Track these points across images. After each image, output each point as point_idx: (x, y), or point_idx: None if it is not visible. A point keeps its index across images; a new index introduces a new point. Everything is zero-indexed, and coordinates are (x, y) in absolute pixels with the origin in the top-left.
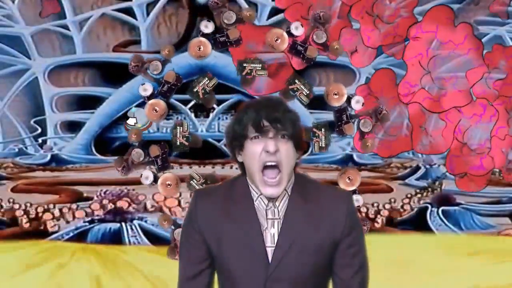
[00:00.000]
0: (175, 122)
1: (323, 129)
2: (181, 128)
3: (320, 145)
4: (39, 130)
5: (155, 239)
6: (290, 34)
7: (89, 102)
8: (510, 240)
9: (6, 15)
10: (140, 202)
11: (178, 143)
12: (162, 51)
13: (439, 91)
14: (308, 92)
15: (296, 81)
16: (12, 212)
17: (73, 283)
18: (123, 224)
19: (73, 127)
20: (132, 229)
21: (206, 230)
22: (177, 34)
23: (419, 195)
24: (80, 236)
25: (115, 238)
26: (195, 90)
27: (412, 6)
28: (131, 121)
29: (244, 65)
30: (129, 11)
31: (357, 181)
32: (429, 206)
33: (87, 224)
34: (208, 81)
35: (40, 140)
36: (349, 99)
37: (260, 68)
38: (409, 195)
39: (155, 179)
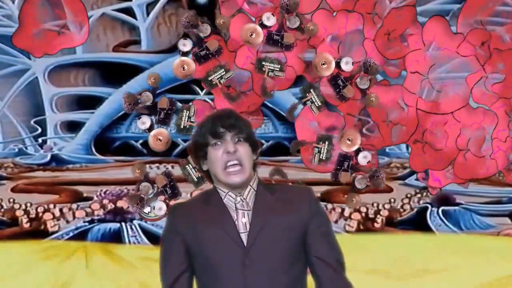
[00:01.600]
0: (183, 106)
1: (326, 142)
2: (188, 112)
3: (321, 157)
4: (39, 130)
5: (155, 239)
6: (263, 26)
7: (89, 102)
8: (510, 240)
9: (6, 15)
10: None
11: (182, 126)
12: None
13: (437, 97)
14: (320, 104)
15: (311, 91)
16: (12, 212)
17: (74, 282)
18: (123, 224)
19: (73, 127)
20: (132, 229)
21: (184, 231)
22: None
23: (419, 195)
24: (80, 236)
25: (115, 238)
26: (209, 79)
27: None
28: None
29: (263, 63)
30: (129, 11)
31: (358, 140)
32: (429, 206)
33: (87, 224)
34: (225, 72)
35: (40, 140)
36: (338, 64)
37: (278, 69)
38: (409, 195)
39: (150, 129)
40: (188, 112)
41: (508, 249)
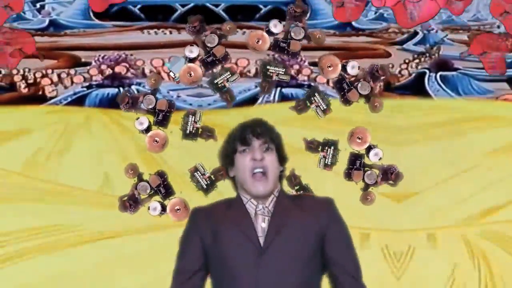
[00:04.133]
0: (188, 110)
1: (332, 147)
2: (193, 117)
3: (326, 162)
4: None
5: None
6: (270, 33)
7: None
8: (508, 105)
9: None
10: (138, 67)
11: (188, 132)
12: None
13: None
14: (325, 108)
15: (316, 94)
16: (10, 77)
17: (73, 147)
18: (121, 89)
19: None
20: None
21: (204, 232)
22: None
23: (417, 61)
24: (78, 101)
25: (113, 103)
26: (215, 81)
27: None
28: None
29: (268, 67)
30: None
31: (368, 138)
32: (427, 71)
33: (85, 89)
34: (230, 75)
35: (38, 5)
36: (344, 67)
37: (283, 73)
38: (407, 60)
39: (163, 208)
40: (193, 117)
41: (505, 114)
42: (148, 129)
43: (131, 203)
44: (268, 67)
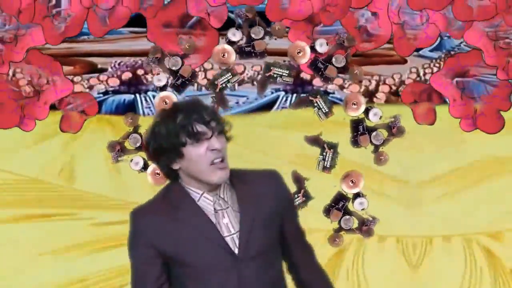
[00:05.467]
0: (230, 69)
1: (332, 150)
2: (231, 77)
3: (325, 165)
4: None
5: None
6: (313, 49)
7: None
8: None
9: None
10: (154, 73)
11: (216, 83)
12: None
13: None
14: (327, 111)
15: (271, 68)
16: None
17: (87, 154)
18: (137, 95)
19: None
20: (146, 100)
21: (161, 243)
22: None
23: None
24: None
25: (130, 109)
26: (215, 82)
27: None
28: None
29: (271, 68)
30: None
31: (361, 183)
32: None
33: (101, 95)
34: (231, 76)
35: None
36: (313, 48)
37: (287, 75)
38: (425, 66)
39: (145, 167)
40: (232, 77)
41: None
42: (145, 166)
43: (119, 148)
44: (271, 67)
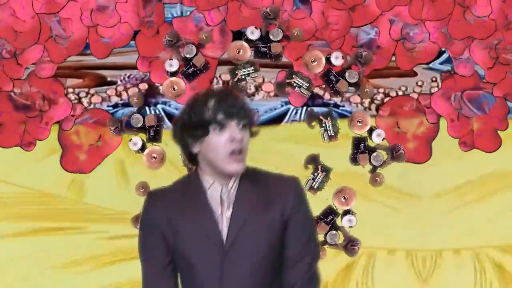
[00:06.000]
0: (253, 62)
1: (324, 173)
2: (253, 71)
3: (313, 185)
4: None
5: None
6: (328, 61)
7: None
8: None
9: None
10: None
11: (236, 72)
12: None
13: None
14: (332, 135)
15: (294, 75)
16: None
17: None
18: (146, 108)
19: None
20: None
21: (163, 225)
22: None
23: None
24: None
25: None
26: (236, 71)
27: None
28: None
29: (294, 76)
30: None
31: (353, 200)
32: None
33: (111, 108)
34: (253, 71)
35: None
36: (328, 60)
37: (306, 88)
38: (434, 79)
39: (143, 148)
40: (253, 71)
41: None
42: (143, 148)
43: (122, 123)
44: (294, 75)
